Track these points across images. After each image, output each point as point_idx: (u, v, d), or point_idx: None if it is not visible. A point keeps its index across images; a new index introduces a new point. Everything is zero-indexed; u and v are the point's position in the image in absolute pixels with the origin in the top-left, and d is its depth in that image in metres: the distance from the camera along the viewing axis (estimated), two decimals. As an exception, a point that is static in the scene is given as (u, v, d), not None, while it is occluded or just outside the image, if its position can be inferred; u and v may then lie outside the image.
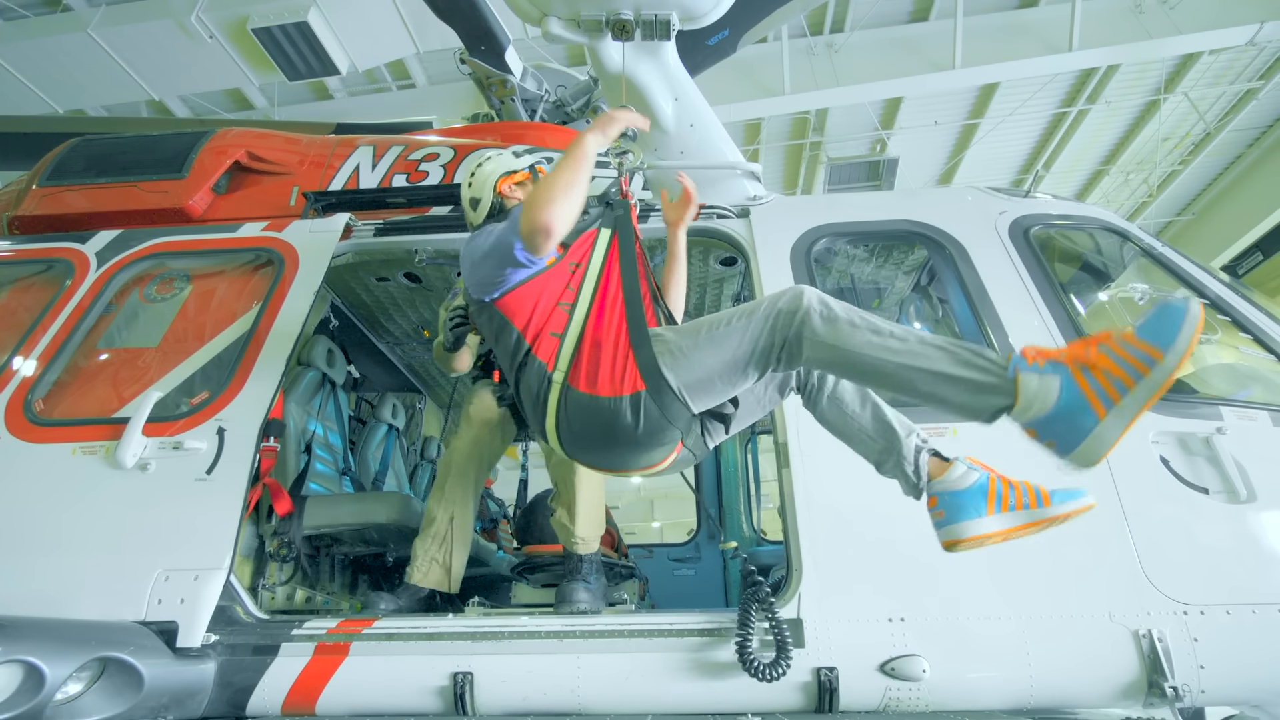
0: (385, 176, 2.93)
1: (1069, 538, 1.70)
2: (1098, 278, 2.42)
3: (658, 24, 2.07)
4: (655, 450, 1.51)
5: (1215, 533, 1.71)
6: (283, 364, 2.04)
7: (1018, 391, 1.32)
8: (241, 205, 2.92)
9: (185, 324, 2.27)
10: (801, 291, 1.44)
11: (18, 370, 2.14)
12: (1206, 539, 1.70)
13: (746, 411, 1.62)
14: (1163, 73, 8.80)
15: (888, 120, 9.52)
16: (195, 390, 2.06)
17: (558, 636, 1.63)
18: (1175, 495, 1.74)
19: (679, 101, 2.39)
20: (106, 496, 1.83)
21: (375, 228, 2.55)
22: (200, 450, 1.86)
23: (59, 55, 7.67)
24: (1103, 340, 1.28)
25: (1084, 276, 2.44)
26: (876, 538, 1.73)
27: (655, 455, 1.53)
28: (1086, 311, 2.36)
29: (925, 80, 8.03)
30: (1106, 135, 9.91)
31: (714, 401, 1.50)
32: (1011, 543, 1.41)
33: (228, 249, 2.44)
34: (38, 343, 2.20)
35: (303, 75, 7.54)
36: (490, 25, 3.44)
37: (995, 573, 1.68)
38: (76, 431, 1.94)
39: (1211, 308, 2.10)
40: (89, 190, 2.89)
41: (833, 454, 1.83)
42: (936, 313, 2.48)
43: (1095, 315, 2.38)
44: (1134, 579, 1.66)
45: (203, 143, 2.99)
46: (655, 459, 1.54)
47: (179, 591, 1.68)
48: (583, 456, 1.59)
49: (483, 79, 3.77)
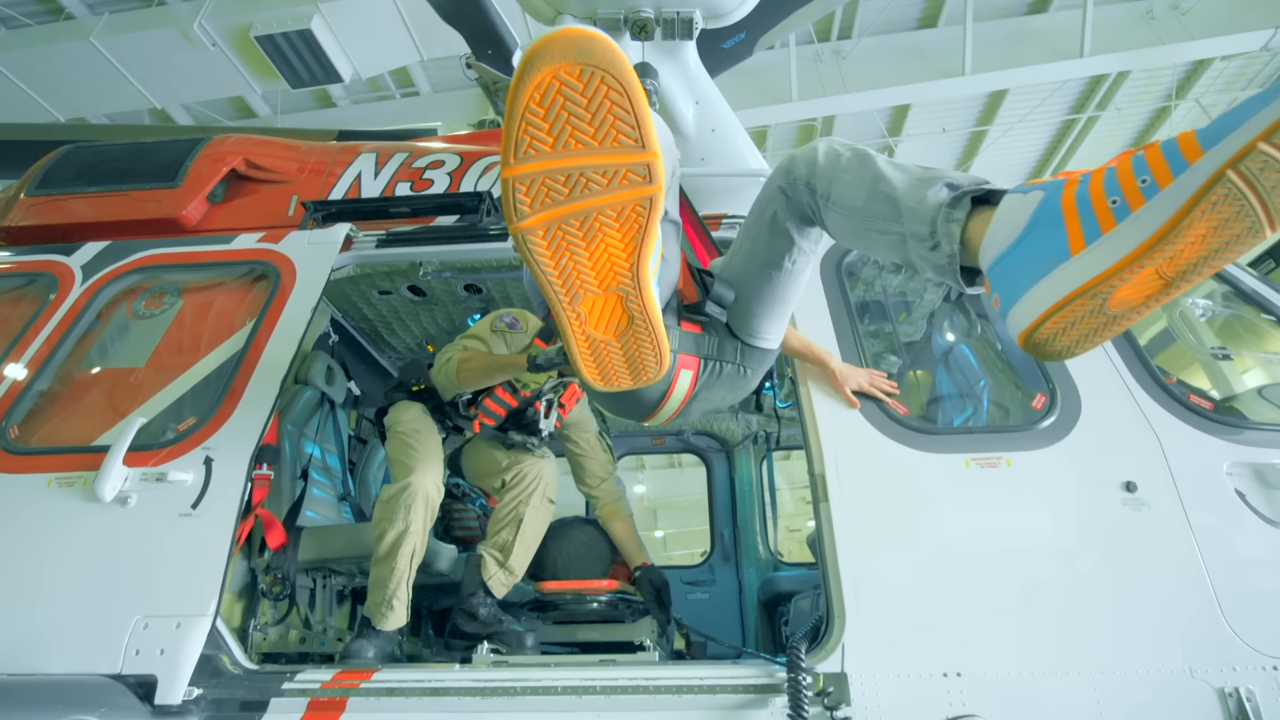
0: (388, 185, 2.79)
1: (1140, 581, 1.55)
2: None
3: (680, 22, 1.94)
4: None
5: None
6: (277, 386, 1.90)
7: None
8: (238, 215, 2.79)
9: (174, 342, 2.12)
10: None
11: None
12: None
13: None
14: (1174, 79, 8.69)
15: (895, 127, 9.43)
16: (182, 415, 1.91)
17: (576, 693, 1.47)
18: (1256, 534, 1.58)
19: (700, 105, 2.26)
20: (83, 534, 1.68)
21: (377, 239, 2.41)
22: (185, 482, 1.71)
23: (61, 63, 7.62)
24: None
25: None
26: (927, 580, 1.57)
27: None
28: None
29: (934, 87, 7.93)
30: (1116, 142, 9.80)
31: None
32: (1148, 297, 0.85)
33: (221, 262, 2.30)
34: (16, 363, 2.06)
35: (306, 83, 7.47)
36: (497, 28, 3.31)
37: (1060, 621, 1.52)
38: (53, 461, 1.79)
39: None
40: (79, 199, 2.76)
41: (877, 485, 1.68)
42: (973, 328, 2.32)
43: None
44: (1216, 630, 1.49)
45: (198, 150, 2.86)
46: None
47: (159, 641, 1.52)
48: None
49: (490, 84, 3.64)
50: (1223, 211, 0.77)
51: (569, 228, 0.81)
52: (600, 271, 0.86)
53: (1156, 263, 0.81)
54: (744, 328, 1.46)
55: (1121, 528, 1.58)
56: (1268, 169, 0.74)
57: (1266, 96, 0.76)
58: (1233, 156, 0.76)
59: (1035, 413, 1.78)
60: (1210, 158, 0.78)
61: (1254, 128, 0.75)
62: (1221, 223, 0.78)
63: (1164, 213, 0.80)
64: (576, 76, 0.70)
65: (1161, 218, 0.80)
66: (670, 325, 1.40)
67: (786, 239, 1.34)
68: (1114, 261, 0.82)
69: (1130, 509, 1.60)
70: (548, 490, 2.36)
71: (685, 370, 1.43)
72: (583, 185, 0.77)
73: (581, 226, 0.80)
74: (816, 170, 1.24)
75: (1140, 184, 0.82)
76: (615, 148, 0.73)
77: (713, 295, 1.40)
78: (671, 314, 1.41)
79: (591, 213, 0.80)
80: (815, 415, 1.77)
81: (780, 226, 1.33)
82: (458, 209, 2.57)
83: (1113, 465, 1.65)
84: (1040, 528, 1.60)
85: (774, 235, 1.34)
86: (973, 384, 2.20)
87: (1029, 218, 0.91)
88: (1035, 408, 1.79)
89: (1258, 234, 0.78)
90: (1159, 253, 0.80)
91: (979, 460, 1.67)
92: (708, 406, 1.54)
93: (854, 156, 1.22)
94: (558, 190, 0.78)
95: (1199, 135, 0.81)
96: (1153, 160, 0.83)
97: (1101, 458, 1.66)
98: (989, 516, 1.61)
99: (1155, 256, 0.80)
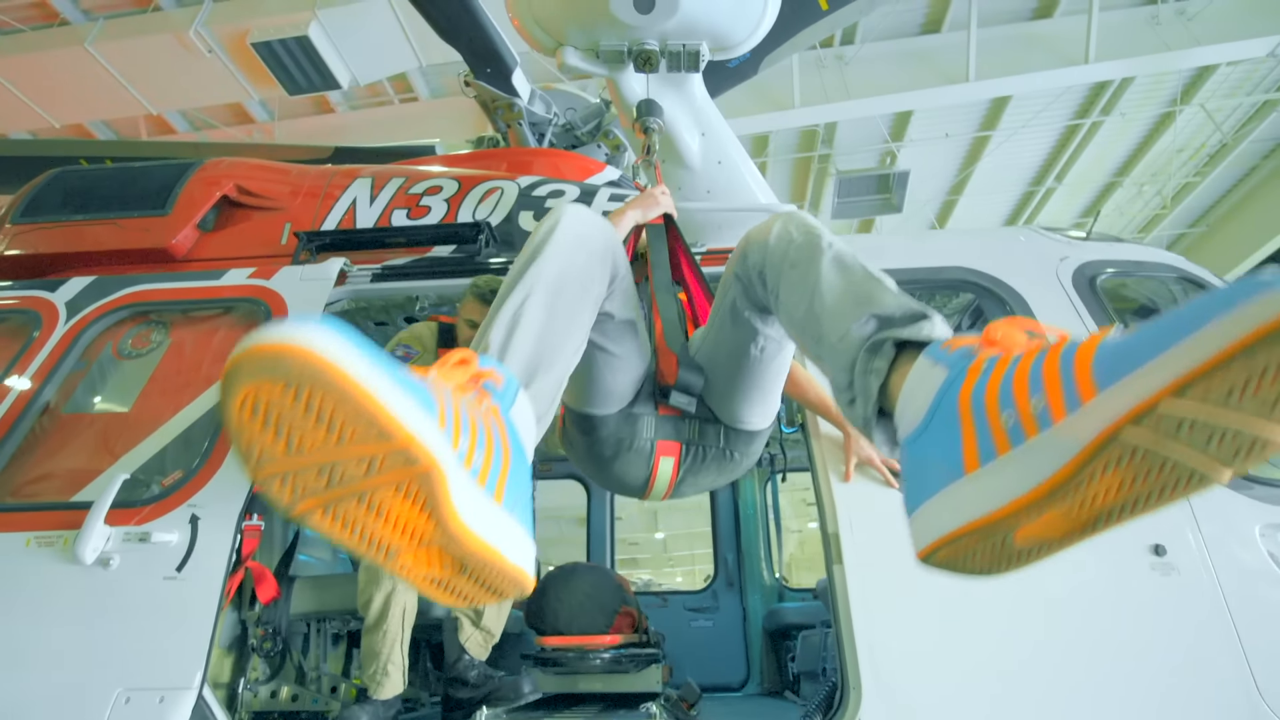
0: (384, 212, 2.72)
1: (1170, 650, 1.48)
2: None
3: (686, 55, 1.86)
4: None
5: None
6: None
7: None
8: (229, 244, 2.72)
9: (160, 386, 2.04)
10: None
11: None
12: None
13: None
14: (1179, 84, 8.61)
15: (898, 133, 9.34)
16: (168, 467, 1.84)
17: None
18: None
19: (705, 137, 2.18)
20: (62, 599, 1.60)
21: (373, 273, 2.33)
22: (170, 543, 1.64)
23: (56, 70, 7.54)
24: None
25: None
26: (947, 648, 1.50)
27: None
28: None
29: (938, 94, 7.85)
30: (1120, 147, 9.72)
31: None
32: (1066, 535, 0.66)
33: (210, 299, 2.22)
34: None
35: (304, 90, 7.39)
36: (497, 46, 3.24)
37: (1088, 692, 1.45)
38: (32, 518, 1.71)
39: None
40: (66, 228, 2.68)
41: (893, 546, 1.60)
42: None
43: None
44: (1250, 702, 1.42)
45: (188, 176, 2.78)
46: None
47: (141, 716, 1.45)
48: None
49: (488, 102, 3.56)
50: (1135, 467, 0.57)
51: (347, 507, 0.64)
52: (407, 534, 0.66)
53: (1063, 508, 0.61)
54: (725, 412, 1.35)
55: (1150, 594, 1.51)
56: (1184, 425, 0.53)
57: (1182, 322, 0.53)
58: (1127, 414, 0.54)
59: (1058, 467, 1.70)
60: (1100, 405, 0.56)
61: (1158, 374, 0.53)
62: (1138, 475, 0.58)
63: (1058, 455, 0.58)
64: (279, 392, 0.55)
65: (1056, 461, 0.58)
66: (646, 412, 1.33)
67: (749, 327, 1.22)
68: (1007, 501, 0.61)
69: (1159, 574, 1.53)
70: None
71: (666, 458, 1.34)
72: (338, 476, 0.61)
73: (360, 504, 0.63)
74: (768, 259, 1.10)
75: (1034, 405, 0.62)
76: (355, 442, 0.57)
77: (678, 385, 1.28)
78: (648, 400, 1.33)
79: (364, 494, 0.62)
80: (828, 471, 1.70)
81: (740, 315, 1.21)
82: (455, 239, 2.49)
83: (1140, 527, 1.57)
84: (1066, 593, 1.53)
85: (736, 323, 1.22)
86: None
87: (930, 403, 0.73)
88: (1058, 462, 1.71)
89: (1201, 482, 0.57)
90: (1061, 501, 0.60)
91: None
92: (700, 488, 1.44)
93: (804, 245, 1.05)
94: (314, 483, 0.62)
95: (1096, 361, 0.59)
96: (1049, 376, 0.62)
97: (1129, 518, 1.59)
98: (1011, 583, 1.53)
99: (1057, 504, 0.60)
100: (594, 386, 1.29)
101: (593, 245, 1.08)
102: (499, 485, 0.70)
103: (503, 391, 0.78)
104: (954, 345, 0.75)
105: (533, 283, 0.98)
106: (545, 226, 1.06)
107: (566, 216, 1.07)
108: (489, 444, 0.70)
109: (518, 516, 0.73)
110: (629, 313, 1.23)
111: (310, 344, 0.54)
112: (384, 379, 0.58)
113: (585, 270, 1.05)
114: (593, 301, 1.08)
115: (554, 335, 0.97)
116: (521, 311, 0.95)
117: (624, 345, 1.24)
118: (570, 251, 1.04)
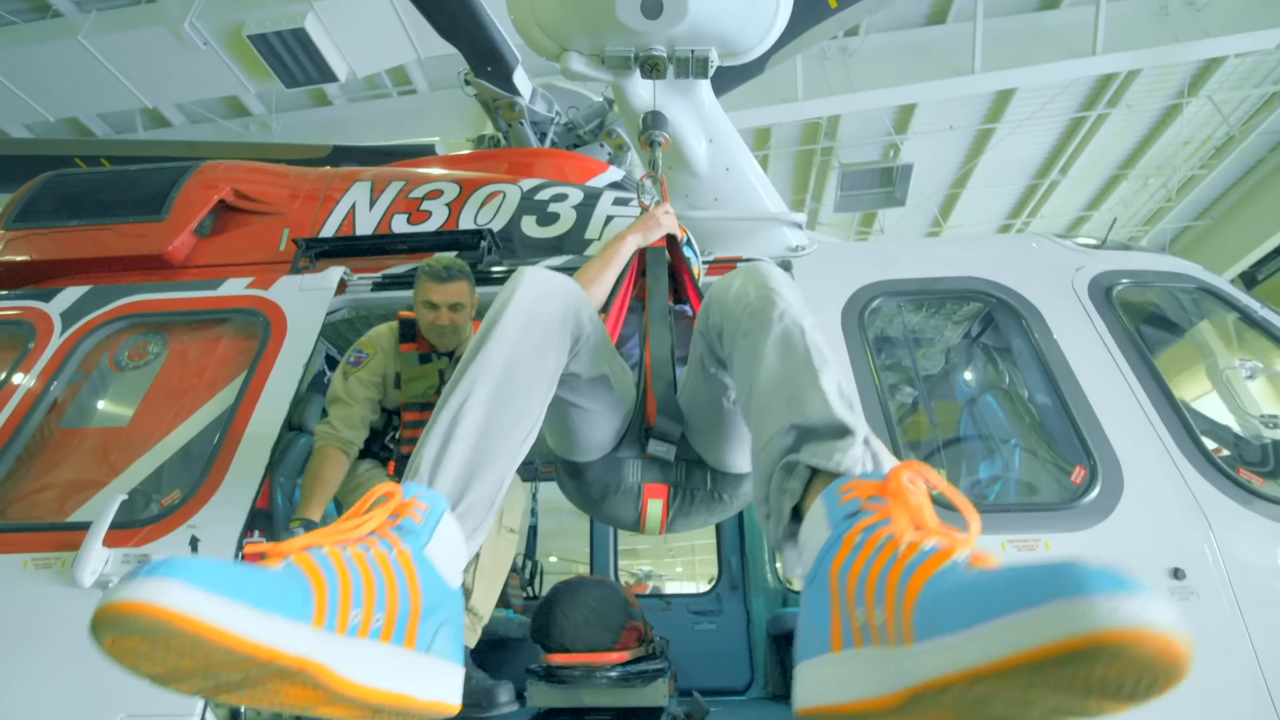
0: (384, 217, 2.67)
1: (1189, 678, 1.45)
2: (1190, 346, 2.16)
3: (694, 61, 1.81)
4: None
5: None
6: (267, 453, 1.79)
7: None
8: (227, 249, 2.67)
9: (158, 400, 2.01)
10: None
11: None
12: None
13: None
14: (1186, 76, 8.52)
15: (901, 125, 9.25)
16: (166, 486, 1.80)
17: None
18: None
19: (713, 144, 2.13)
20: (62, 622, 1.57)
21: (373, 282, 2.29)
22: (170, 565, 1.61)
23: (50, 63, 7.44)
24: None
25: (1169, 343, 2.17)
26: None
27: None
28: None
29: (942, 86, 7.76)
30: (1126, 139, 9.64)
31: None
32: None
33: (207, 309, 2.18)
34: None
35: (300, 83, 7.30)
36: (497, 44, 3.18)
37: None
38: (30, 539, 1.68)
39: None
40: (61, 234, 2.64)
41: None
42: (1000, 378, 2.21)
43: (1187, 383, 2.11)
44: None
45: (184, 180, 2.73)
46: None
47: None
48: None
49: (489, 101, 3.50)
50: (960, 713, 0.55)
51: (246, 694, 0.66)
52: (312, 701, 0.68)
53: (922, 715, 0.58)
54: (710, 456, 1.32)
55: (1169, 619, 1.48)
56: (989, 701, 0.52)
57: (1000, 596, 0.51)
58: (928, 682, 0.53)
59: (1074, 487, 1.67)
60: (912, 658, 0.56)
61: (959, 652, 0.51)
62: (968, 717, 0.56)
63: (892, 679, 0.57)
64: (138, 641, 0.58)
65: (891, 683, 0.58)
66: (632, 455, 1.29)
67: (719, 383, 1.18)
68: (862, 698, 0.60)
69: (1178, 598, 1.50)
70: (505, 518, 2.15)
71: (654, 499, 1.31)
72: (224, 682, 0.64)
73: (257, 691, 0.65)
74: (725, 320, 1.06)
75: (876, 616, 0.61)
76: (225, 665, 0.60)
77: (655, 432, 1.24)
78: (634, 443, 1.29)
79: (254, 687, 0.65)
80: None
81: (708, 370, 1.17)
82: (456, 246, 2.45)
83: (1158, 549, 1.55)
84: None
85: (707, 377, 1.19)
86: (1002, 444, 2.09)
87: (813, 561, 0.72)
88: (1074, 482, 1.68)
89: None
90: (911, 713, 0.57)
91: (1015, 543, 1.57)
92: (694, 526, 1.41)
93: (757, 312, 0.99)
94: (203, 685, 0.64)
95: (920, 603, 0.58)
96: (889, 594, 0.60)
97: (1146, 541, 1.56)
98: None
99: (910, 714, 0.57)
100: (572, 439, 1.27)
101: (547, 319, 1.05)
102: (409, 632, 0.73)
103: (421, 526, 0.79)
104: (849, 493, 0.73)
105: (475, 377, 0.96)
106: (498, 304, 1.04)
107: (518, 292, 1.04)
108: (392, 598, 0.72)
109: (438, 650, 0.76)
110: (599, 369, 1.18)
111: (157, 600, 0.56)
112: (238, 611, 0.60)
113: (538, 350, 1.02)
114: (548, 379, 1.05)
115: (496, 432, 0.94)
116: (459, 417, 0.92)
117: (596, 400, 1.20)
118: (522, 332, 1.01)
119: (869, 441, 0.82)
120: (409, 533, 0.78)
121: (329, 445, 2.08)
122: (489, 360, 0.97)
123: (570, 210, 2.57)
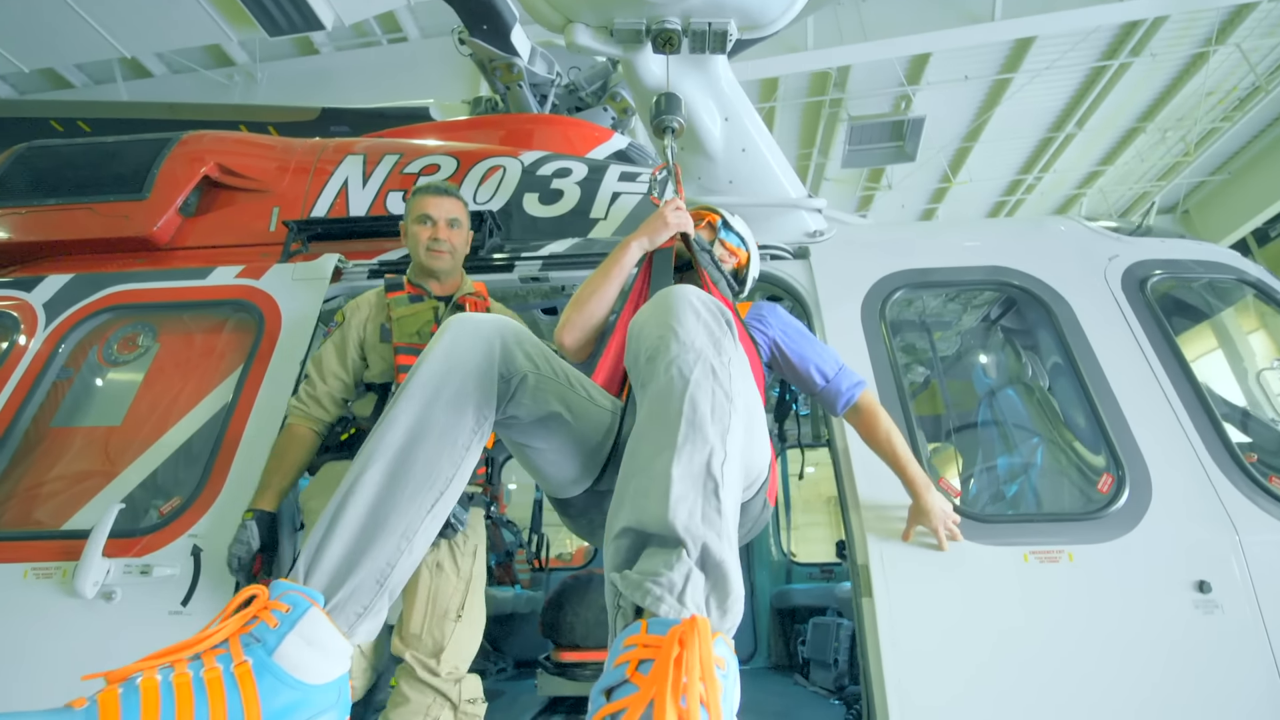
0: (378, 195, 2.53)
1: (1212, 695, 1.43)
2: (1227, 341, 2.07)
3: (712, 35, 1.66)
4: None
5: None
6: (267, 456, 1.73)
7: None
8: (214, 229, 2.54)
9: (151, 397, 1.93)
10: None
11: None
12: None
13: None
14: (1215, 22, 8.10)
15: (914, 75, 8.86)
16: (165, 490, 1.75)
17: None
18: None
19: (729, 122, 1.98)
20: (65, 634, 1.55)
21: (369, 268, 2.19)
22: (173, 576, 1.57)
23: (23, 12, 7.04)
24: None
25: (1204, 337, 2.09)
26: (979, 694, 1.45)
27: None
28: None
29: (960, 34, 7.37)
30: (1147, 90, 9.25)
31: None
32: None
33: (195, 300, 2.08)
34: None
35: (284, 31, 6.91)
36: (494, 1, 2.96)
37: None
38: (28, 549, 1.64)
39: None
40: (38, 214, 2.50)
41: (926, 581, 1.54)
42: (1025, 374, 2.13)
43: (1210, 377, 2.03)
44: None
45: (165, 153, 2.58)
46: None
47: (155, 758, 1.42)
48: None
49: (485, 62, 3.30)
50: None
51: None
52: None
53: None
54: None
55: (1192, 634, 1.46)
56: None
57: None
58: None
59: (1100, 496, 1.62)
60: None
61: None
62: None
63: None
64: None
65: None
66: (613, 488, 1.23)
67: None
68: None
69: (1202, 612, 1.47)
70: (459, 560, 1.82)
71: None
72: None
73: None
74: (632, 364, 0.98)
75: None
76: None
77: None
78: (615, 473, 1.22)
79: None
80: (859, 498, 1.62)
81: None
82: (455, 227, 2.33)
83: (1184, 561, 1.51)
84: (1103, 634, 1.47)
85: None
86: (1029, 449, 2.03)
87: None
88: (1101, 490, 1.63)
89: None
90: None
91: (1038, 554, 1.53)
92: None
93: (651, 359, 0.91)
94: None
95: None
96: None
97: (1172, 552, 1.52)
98: (1048, 623, 1.48)
99: None
100: (538, 476, 1.21)
101: (465, 373, 1.01)
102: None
103: (275, 630, 0.78)
104: (629, 650, 0.68)
105: (371, 453, 0.95)
106: (416, 364, 1.03)
107: (434, 350, 1.02)
108: (217, 711, 0.72)
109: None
110: (545, 408, 1.08)
111: None
112: None
113: (451, 407, 0.99)
114: (465, 435, 1.00)
115: (388, 509, 0.92)
116: (346, 501, 0.91)
117: (549, 440, 1.11)
118: (433, 392, 0.99)
119: (706, 553, 0.73)
120: (258, 640, 0.77)
121: (297, 422, 1.83)
122: (389, 433, 0.96)
123: (574, 186, 2.44)
